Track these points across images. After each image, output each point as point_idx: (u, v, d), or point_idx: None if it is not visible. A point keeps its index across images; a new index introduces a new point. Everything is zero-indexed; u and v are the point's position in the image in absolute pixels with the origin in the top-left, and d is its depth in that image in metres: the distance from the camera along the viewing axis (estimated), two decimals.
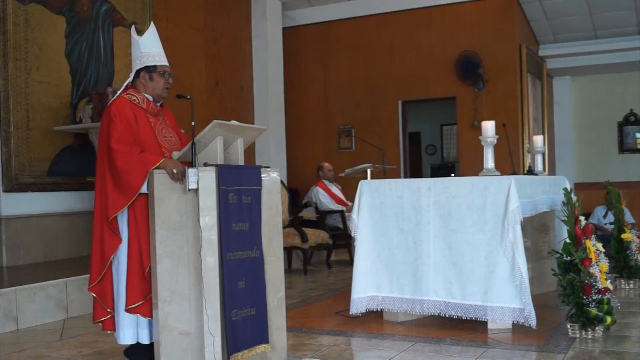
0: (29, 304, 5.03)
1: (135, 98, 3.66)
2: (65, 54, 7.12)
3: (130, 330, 3.54)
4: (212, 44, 9.49)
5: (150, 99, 3.71)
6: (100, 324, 3.63)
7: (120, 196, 3.42)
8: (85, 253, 7.00)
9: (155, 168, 3.36)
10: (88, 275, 3.61)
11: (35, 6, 6.79)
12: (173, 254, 3.32)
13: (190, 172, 3.26)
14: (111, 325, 3.59)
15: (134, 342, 3.57)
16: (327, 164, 9.16)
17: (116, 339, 3.62)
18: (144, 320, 3.52)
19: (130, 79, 3.73)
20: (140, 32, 3.83)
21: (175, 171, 3.34)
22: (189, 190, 3.29)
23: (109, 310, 3.56)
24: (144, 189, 3.41)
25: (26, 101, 6.68)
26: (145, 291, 3.43)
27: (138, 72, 3.69)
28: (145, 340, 3.55)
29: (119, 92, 3.72)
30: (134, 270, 3.46)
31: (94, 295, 3.57)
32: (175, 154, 3.56)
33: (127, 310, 3.45)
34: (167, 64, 3.74)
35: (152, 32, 3.73)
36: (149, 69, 3.67)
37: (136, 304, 3.44)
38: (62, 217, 6.98)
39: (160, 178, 3.32)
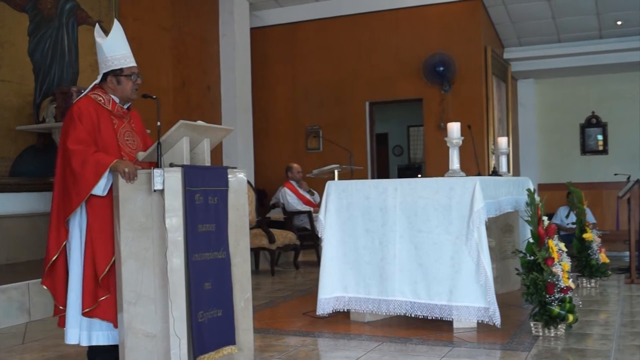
0: None
1: (101, 99, 3.63)
2: (28, 52, 6.98)
3: (74, 329, 3.52)
4: (179, 44, 9.40)
5: (117, 100, 3.68)
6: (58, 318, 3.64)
7: (75, 196, 3.40)
8: None
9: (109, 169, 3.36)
10: None
11: None
12: (138, 255, 3.29)
13: (156, 172, 3.23)
14: (63, 322, 3.57)
15: (77, 342, 3.54)
16: (296, 165, 9.15)
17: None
18: (85, 322, 3.49)
19: (98, 80, 3.69)
20: (105, 32, 3.78)
21: (127, 170, 3.31)
22: (155, 191, 3.26)
23: (61, 307, 3.55)
24: (97, 191, 3.39)
25: None
26: (99, 294, 3.41)
27: (105, 75, 3.65)
28: (84, 342, 3.52)
29: (86, 91, 3.68)
30: (88, 273, 3.43)
31: (45, 288, 3.58)
32: (141, 155, 3.53)
33: (84, 314, 3.43)
34: (135, 65, 3.70)
35: (116, 32, 3.66)
36: (116, 72, 3.63)
37: (90, 308, 3.41)
38: (25, 219, 6.84)
39: None
